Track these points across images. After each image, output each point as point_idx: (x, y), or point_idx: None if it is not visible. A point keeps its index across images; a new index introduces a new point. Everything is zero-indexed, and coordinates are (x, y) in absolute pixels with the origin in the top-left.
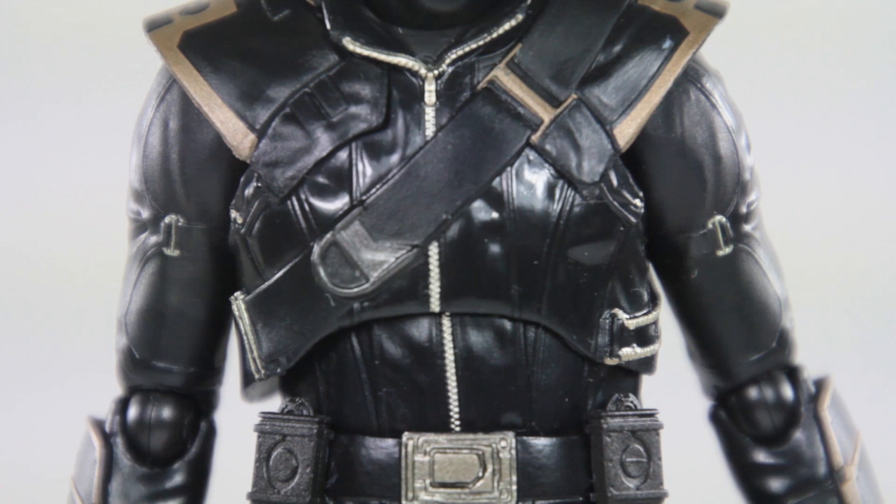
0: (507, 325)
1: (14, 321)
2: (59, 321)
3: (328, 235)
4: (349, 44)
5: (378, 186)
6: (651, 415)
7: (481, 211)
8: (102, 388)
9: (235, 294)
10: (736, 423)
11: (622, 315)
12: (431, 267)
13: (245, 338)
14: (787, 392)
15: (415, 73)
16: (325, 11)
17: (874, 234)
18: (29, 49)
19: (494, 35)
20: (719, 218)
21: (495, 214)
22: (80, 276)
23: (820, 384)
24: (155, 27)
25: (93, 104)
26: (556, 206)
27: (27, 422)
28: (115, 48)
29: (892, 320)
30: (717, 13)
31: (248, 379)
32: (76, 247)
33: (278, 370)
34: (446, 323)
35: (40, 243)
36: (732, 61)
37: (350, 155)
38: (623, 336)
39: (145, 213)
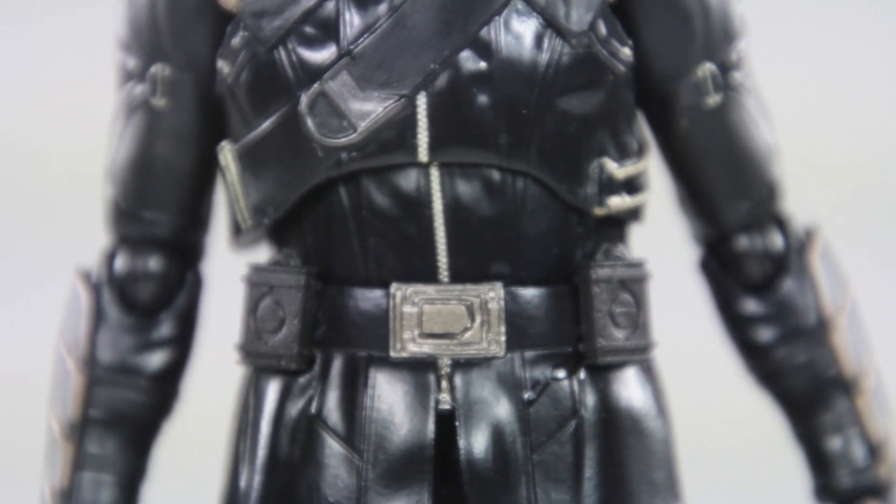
0: (496, 175)
1: (15, 214)
2: (63, 215)
3: (316, 85)
4: None
5: (365, 36)
6: (640, 265)
7: (469, 60)
8: None
9: (222, 144)
10: (726, 272)
11: (611, 164)
12: (419, 117)
13: (232, 188)
14: (777, 240)
15: None
16: None
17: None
18: None
19: None
20: (708, 66)
21: (483, 64)
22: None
23: (810, 233)
24: None
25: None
26: (545, 56)
27: (34, 313)
28: None
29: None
30: None
31: (235, 229)
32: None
33: (266, 220)
34: (434, 173)
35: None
36: None
37: (337, 5)
38: (612, 185)
39: (132, 63)
